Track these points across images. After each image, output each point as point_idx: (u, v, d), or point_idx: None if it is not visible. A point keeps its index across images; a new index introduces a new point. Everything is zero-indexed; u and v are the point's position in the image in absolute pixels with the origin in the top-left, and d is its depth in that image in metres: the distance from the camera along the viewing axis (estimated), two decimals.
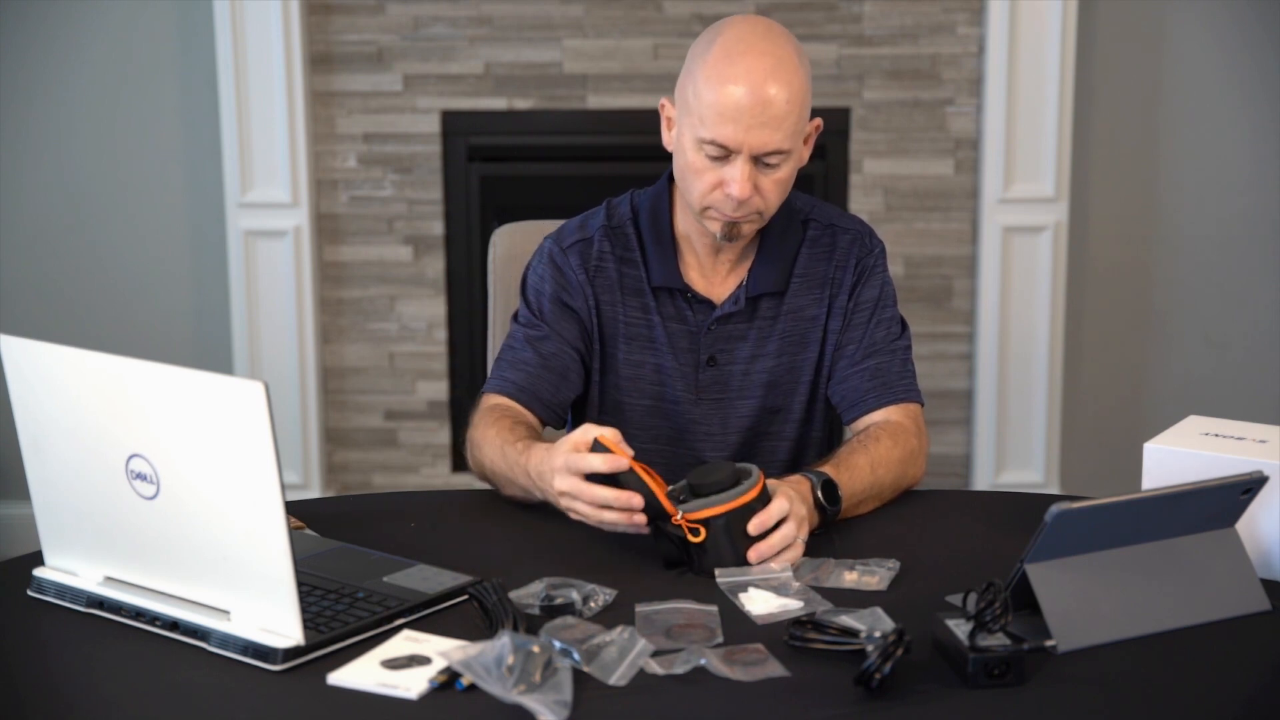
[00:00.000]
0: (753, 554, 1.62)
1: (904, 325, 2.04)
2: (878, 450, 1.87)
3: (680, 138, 1.90)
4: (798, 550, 1.65)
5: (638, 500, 1.62)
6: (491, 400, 1.95)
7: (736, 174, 1.84)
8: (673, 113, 1.93)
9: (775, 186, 1.88)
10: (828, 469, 1.79)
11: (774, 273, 1.99)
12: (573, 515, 1.67)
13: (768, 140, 1.83)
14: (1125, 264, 3.82)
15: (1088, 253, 3.80)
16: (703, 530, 1.61)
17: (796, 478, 1.76)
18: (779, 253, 2.00)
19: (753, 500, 1.63)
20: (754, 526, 1.62)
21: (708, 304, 2.00)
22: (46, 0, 3.62)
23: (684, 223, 2.00)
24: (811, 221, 2.03)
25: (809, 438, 2.06)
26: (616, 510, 1.62)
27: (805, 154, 1.93)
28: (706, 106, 1.83)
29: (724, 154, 1.84)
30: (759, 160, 1.85)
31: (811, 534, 1.71)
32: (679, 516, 1.61)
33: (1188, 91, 3.74)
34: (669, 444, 2.03)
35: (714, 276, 2.01)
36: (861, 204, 3.72)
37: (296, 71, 3.59)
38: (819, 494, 1.75)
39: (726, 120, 1.82)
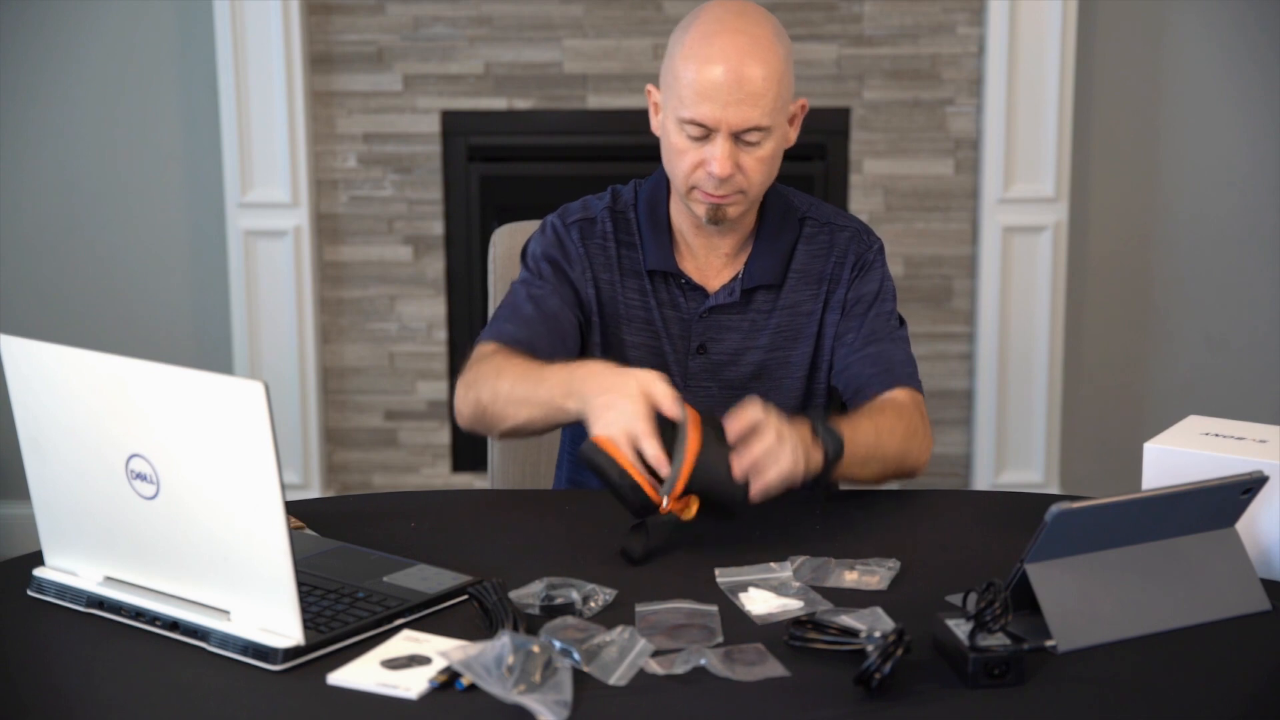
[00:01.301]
0: (738, 471, 1.62)
1: (902, 321, 2.04)
2: (882, 419, 1.86)
3: (664, 121, 1.93)
4: (786, 463, 1.64)
5: (665, 468, 1.62)
6: (493, 346, 1.93)
7: (717, 152, 1.86)
8: (658, 98, 1.95)
9: (758, 165, 1.89)
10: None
11: (769, 266, 2.00)
12: (598, 425, 1.66)
13: (746, 117, 1.85)
14: (1125, 264, 3.82)
15: (1088, 253, 3.80)
16: (693, 502, 1.61)
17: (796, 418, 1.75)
18: (775, 246, 2.01)
19: (702, 438, 1.62)
20: (732, 434, 1.63)
21: (701, 291, 2.01)
22: (46, 0, 3.62)
23: (677, 214, 2.01)
24: (809, 219, 2.05)
25: None
26: (639, 466, 1.62)
27: (792, 134, 1.95)
28: (685, 86, 1.86)
29: (705, 133, 1.87)
30: (739, 138, 1.87)
31: (813, 483, 1.70)
32: (665, 506, 1.61)
33: (1188, 91, 3.73)
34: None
35: (709, 268, 2.02)
36: (861, 204, 3.72)
37: (296, 71, 3.59)
38: (818, 428, 1.73)
39: (705, 99, 1.85)
